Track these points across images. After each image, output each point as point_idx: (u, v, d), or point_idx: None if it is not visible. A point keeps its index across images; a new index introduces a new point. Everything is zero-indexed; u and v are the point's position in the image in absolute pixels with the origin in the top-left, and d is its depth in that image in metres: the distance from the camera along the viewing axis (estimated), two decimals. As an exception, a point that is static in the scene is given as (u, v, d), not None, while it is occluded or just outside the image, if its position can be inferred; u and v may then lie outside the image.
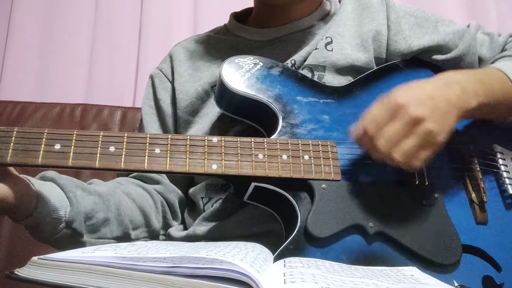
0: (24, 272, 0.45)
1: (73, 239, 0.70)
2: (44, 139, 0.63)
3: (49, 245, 0.71)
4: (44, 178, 0.71)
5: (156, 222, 0.85)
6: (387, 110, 0.64)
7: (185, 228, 0.88)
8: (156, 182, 0.89)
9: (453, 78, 0.70)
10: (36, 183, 0.67)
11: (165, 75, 0.95)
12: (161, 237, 0.88)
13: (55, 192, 0.69)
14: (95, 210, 0.73)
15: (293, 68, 0.86)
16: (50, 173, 0.71)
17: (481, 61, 0.88)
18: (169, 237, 0.88)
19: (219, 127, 0.86)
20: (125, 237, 0.79)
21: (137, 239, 0.82)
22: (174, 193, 0.89)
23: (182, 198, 0.91)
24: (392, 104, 0.64)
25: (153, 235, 0.85)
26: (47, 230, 0.67)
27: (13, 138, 0.62)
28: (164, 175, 0.89)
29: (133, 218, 0.81)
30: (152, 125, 0.93)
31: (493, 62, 0.84)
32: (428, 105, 0.64)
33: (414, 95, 0.65)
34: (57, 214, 0.67)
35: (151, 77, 0.97)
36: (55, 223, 0.67)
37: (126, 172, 0.88)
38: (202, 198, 0.85)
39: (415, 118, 0.63)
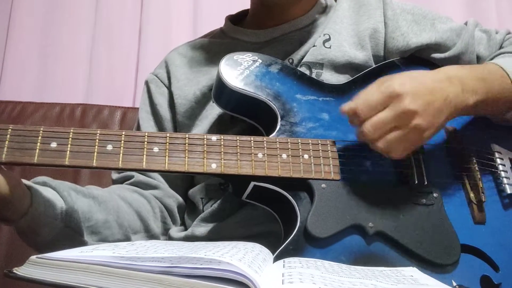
0: (22, 271, 0.45)
1: (73, 239, 0.68)
2: (40, 137, 0.61)
3: (46, 250, 0.68)
4: (35, 183, 0.67)
5: (156, 228, 0.84)
6: (382, 96, 0.64)
7: (186, 229, 0.87)
8: (154, 187, 0.87)
9: (455, 73, 0.70)
10: (26, 182, 0.64)
11: (160, 80, 0.94)
12: (162, 238, 0.87)
13: (49, 191, 0.66)
14: (92, 211, 0.71)
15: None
16: (41, 178, 0.69)
17: (479, 59, 0.88)
18: (169, 238, 0.87)
19: (219, 129, 0.85)
20: (127, 241, 0.77)
21: None
22: (173, 199, 0.88)
23: (181, 203, 0.89)
24: (389, 91, 0.64)
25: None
26: (43, 231, 0.65)
27: (8, 136, 0.60)
28: (162, 180, 0.88)
29: (131, 223, 0.79)
30: (149, 130, 0.91)
31: (492, 59, 0.84)
32: (423, 99, 0.64)
33: (413, 86, 0.65)
34: (53, 211, 0.65)
35: (146, 83, 0.96)
36: (51, 222, 0.65)
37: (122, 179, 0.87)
38: (201, 198, 0.85)
39: (408, 111, 0.63)
